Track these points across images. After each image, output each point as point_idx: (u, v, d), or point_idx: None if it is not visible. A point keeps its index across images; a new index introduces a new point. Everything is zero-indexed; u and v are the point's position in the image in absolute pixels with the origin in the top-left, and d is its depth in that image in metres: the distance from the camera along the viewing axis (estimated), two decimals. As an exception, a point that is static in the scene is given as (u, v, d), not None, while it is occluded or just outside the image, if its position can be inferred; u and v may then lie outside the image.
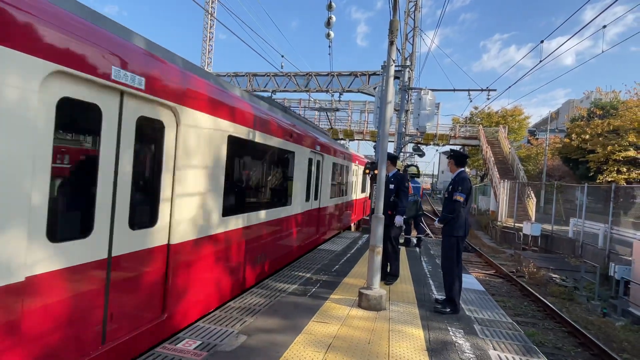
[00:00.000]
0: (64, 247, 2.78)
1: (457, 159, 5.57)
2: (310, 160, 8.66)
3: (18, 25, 2.33)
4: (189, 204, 4.16)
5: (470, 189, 5.38)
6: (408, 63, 18.49)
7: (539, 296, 9.63)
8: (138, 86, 3.29)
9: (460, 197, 5.21)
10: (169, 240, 3.88)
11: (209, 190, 4.54)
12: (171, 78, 3.78)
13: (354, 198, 15.11)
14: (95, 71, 2.87)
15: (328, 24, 10.41)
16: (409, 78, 17.34)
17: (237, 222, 5.30)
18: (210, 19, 37.92)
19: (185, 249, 4.12)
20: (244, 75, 26.17)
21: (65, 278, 2.79)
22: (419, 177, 11.92)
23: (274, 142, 6.43)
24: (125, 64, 3.17)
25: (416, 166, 11.77)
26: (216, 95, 4.65)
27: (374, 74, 21.84)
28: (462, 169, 5.54)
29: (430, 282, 7.00)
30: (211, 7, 36.46)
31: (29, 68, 2.40)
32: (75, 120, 2.93)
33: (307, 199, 8.70)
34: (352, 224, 15.33)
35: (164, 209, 3.80)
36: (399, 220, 6.32)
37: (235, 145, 5.13)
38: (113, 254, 3.22)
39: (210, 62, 39.20)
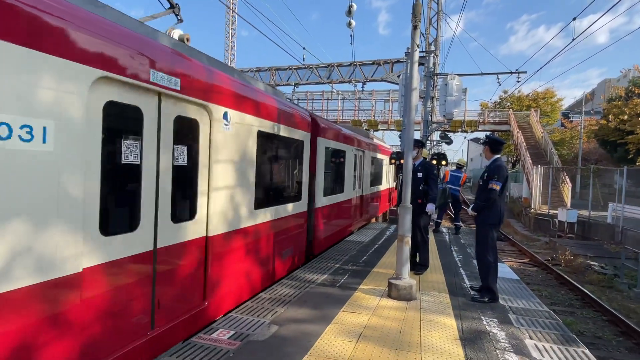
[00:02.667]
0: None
1: (492, 145, 5.39)
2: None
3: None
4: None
5: (507, 178, 5.22)
6: (432, 48, 18.01)
7: (577, 284, 9.28)
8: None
9: (496, 186, 5.06)
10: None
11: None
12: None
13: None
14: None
15: (349, 12, 10.27)
16: (434, 64, 16.91)
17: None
18: (232, 15, 38.25)
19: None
20: (266, 70, 26.30)
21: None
22: (446, 166, 11.71)
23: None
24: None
25: (443, 154, 11.54)
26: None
27: (398, 61, 21.44)
28: (498, 155, 5.37)
29: (462, 271, 6.87)
30: (232, 3, 36.74)
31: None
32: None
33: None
34: (380, 215, 15.21)
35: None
36: (430, 208, 6.23)
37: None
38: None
39: (234, 58, 39.61)
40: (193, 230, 3.89)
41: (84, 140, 2.66)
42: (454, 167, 10.61)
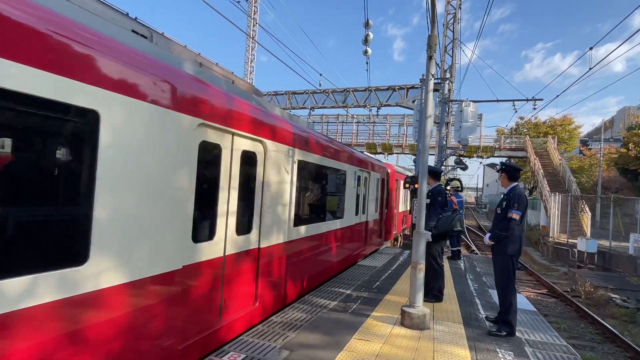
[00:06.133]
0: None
1: (509, 172, 5.29)
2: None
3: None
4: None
5: (527, 206, 5.12)
6: (448, 75, 18.21)
7: (598, 318, 8.96)
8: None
9: (516, 215, 4.95)
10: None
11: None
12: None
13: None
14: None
15: (365, 41, 10.54)
16: (449, 90, 17.07)
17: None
18: (252, 42, 39.46)
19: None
20: (283, 94, 26.86)
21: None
22: (461, 191, 11.59)
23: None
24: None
25: (459, 179, 11.47)
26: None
27: (412, 87, 21.69)
28: (516, 183, 5.26)
29: (477, 300, 6.73)
30: (252, 30, 37.99)
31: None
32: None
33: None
34: (391, 239, 15.07)
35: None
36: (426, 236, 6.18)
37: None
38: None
39: (252, 82, 40.62)
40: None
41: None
42: (452, 192, 10.18)
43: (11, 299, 2.16)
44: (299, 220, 6.10)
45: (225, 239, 4.19)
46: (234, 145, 4.28)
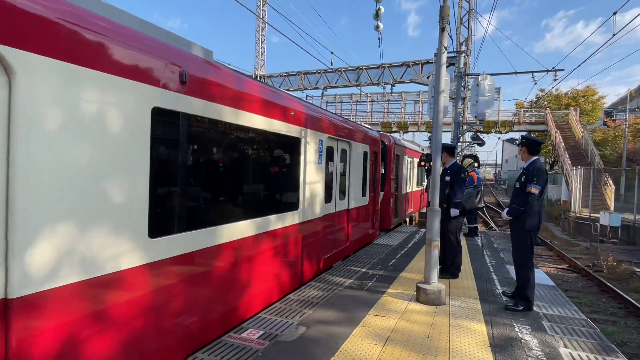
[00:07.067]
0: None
1: (530, 146, 5.15)
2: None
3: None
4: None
5: (546, 181, 5.00)
6: (463, 48, 17.63)
7: (620, 292, 8.81)
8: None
9: (535, 190, 4.84)
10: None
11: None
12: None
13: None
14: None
15: (377, 15, 10.25)
16: (465, 64, 16.55)
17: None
18: (262, 23, 38.98)
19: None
20: (295, 75, 26.63)
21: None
22: (478, 167, 11.37)
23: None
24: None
25: (475, 156, 11.24)
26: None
27: (427, 62, 21.17)
28: (536, 157, 5.13)
29: (494, 276, 6.70)
30: (262, 10, 37.46)
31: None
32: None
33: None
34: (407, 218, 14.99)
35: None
36: (454, 213, 6.14)
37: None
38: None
39: (264, 64, 40.31)
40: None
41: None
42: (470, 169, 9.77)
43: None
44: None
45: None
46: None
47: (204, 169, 3.86)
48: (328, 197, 6.73)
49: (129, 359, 2.87)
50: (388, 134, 12.44)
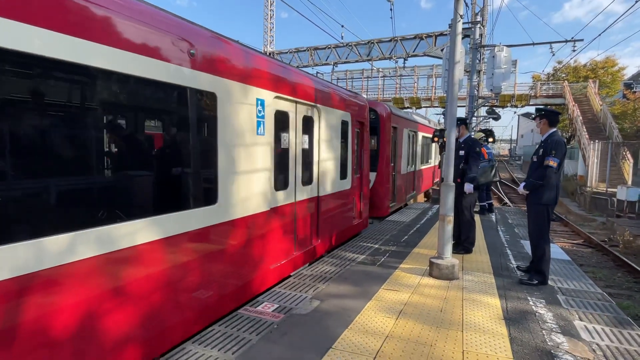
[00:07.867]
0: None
1: (549, 117, 5.00)
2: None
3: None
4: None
5: (565, 154, 4.86)
6: (479, 19, 16.99)
7: (636, 266, 8.71)
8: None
9: (553, 162, 4.72)
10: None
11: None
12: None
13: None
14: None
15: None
16: (481, 35, 15.99)
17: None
18: (270, -4, 38.13)
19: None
20: (305, 50, 26.16)
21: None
22: (493, 142, 11.10)
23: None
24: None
25: (490, 130, 10.99)
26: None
27: (441, 34, 20.54)
28: (554, 129, 4.99)
29: (508, 251, 6.66)
30: (270, -17, 36.57)
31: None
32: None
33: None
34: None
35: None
36: (467, 188, 6.05)
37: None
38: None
39: (272, 40, 39.66)
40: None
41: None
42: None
43: None
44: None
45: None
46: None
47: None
48: (280, 184, 4.91)
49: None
50: (383, 103, 10.25)
